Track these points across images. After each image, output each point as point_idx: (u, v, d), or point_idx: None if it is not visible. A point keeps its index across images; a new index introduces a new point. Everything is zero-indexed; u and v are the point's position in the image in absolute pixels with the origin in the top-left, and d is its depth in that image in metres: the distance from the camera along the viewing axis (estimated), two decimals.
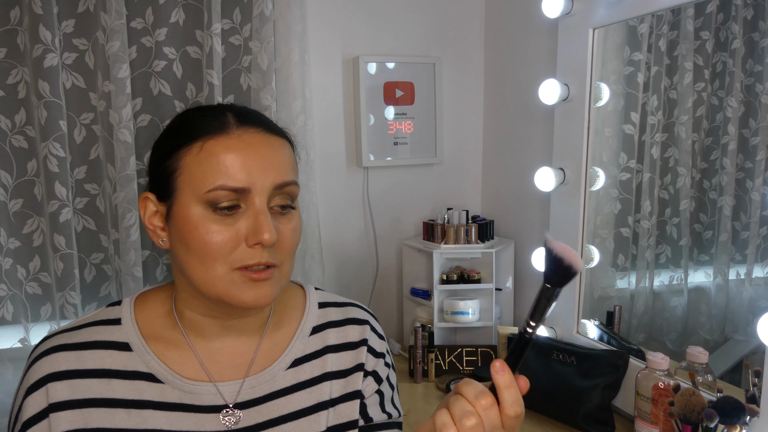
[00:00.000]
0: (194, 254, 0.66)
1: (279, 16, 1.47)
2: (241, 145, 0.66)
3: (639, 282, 1.40)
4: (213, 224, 0.65)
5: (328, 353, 0.78)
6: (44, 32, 1.26)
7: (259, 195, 0.66)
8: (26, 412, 0.67)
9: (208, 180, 0.65)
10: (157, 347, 0.72)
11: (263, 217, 0.65)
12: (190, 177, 0.66)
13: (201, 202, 0.65)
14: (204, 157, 0.65)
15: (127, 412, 0.68)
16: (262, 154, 0.66)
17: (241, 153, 0.65)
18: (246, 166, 0.65)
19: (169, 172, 0.68)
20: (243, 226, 0.65)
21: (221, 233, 0.65)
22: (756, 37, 1.13)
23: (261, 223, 0.65)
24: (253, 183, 0.65)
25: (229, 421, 0.71)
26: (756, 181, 1.15)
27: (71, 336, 0.71)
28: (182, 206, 0.66)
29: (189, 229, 0.66)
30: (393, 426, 0.81)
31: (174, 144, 0.68)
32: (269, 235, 0.64)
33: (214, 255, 0.65)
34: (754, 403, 0.96)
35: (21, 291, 1.36)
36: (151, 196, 0.71)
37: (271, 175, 0.66)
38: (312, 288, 0.84)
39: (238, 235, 0.65)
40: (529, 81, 1.62)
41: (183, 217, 0.66)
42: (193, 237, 0.65)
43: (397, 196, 1.79)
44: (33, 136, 1.33)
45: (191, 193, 0.66)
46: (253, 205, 0.66)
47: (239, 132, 0.67)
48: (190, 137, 0.67)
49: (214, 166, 0.65)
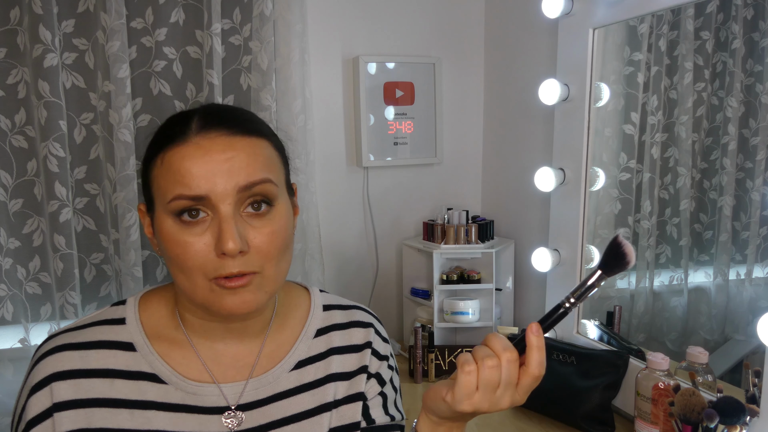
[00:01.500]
0: (174, 265, 0.66)
1: (279, 16, 1.47)
2: (199, 152, 0.64)
3: (639, 282, 1.40)
4: (183, 236, 0.64)
5: (333, 355, 0.78)
6: (44, 32, 1.26)
7: (221, 201, 0.63)
8: (30, 412, 0.67)
9: (169, 190, 0.64)
10: (161, 347, 0.72)
11: (225, 225, 0.63)
12: (158, 190, 0.66)
13: (169, 214, 0.65)
14: (165, 168, 0.65)
15: (131, 412, 0.68)
16: (221, 158, 0.64)
17: (197, 160, 0.64)
18: (203, 172, 0.63)
19: (147, 184, 0.69)
20: (210, 236, 0.64)
21: (191, 245, 0.64)
22: (756, 37, 1.13)
23: (223, 233, 0.62)
24: (212, 189, 0.63)
25: (231, 422, 0.71)
26: (756, 181, 1.15)
27: (75, 335, 0.71)
28: (158, 219, 0.67)
29: (165, 240, 0.66)
30: (395, 429, 0.80)
31: (145, 158, 0.70)
32: (233, 244, 0.62)
33: (189, 265, 0.64)
34: (754, 403, 0.96)
35: (21, 291, 1.36)
36: (143, 207, 0.72)
37: (233, 179, 0.63)
38: (317, 290, 0.84)
39: (207, 245, 0.64)
40: (529, 81, 1.62)
41: (160, 230, 0.67)
42: (169, 249, 0.66)
43: (397, 196, 1.79)
44: (33, 136, 1.33)
45: (160, 204, 0.66)
46: (217, 212, 0.64)
47: (197, 139, 0.65)
48: (154, 150, 0.68)
49: (172, 176, 0.64)
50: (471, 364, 0.62)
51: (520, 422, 1.29)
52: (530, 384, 0.64)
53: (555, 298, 1.44)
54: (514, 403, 0.64)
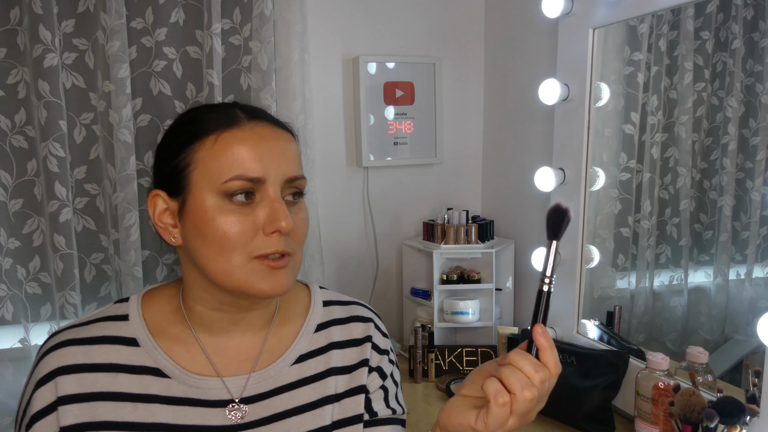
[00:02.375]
0: (212, 246, 0.67)
1: (279, 16, 1.47)
2: (255, 137, 0.68)
3: (639, 282, 1.40)
4: (230, 215, 0.66)
5: (333, 350, 0.79)
6: (44, 32, 1.26)
7: (272, 185, 0.67)
8: (35, 406, 0.68)
9: (224, 171, 0.66)
10: (164, 343, 0.73)
11: (279, 205, 0.67)
12: (206, 169, 0.67)
13: (217, 194, 0.67)
14: (219, 149, 0.67)
15: (134, 405, 0.69)
16: (274, 145, 0.69)
17: (255, 144, 0.67)
18: (260, 156, 0.67)
19: (182, 167, 0.69)
20: (260, 216, 0.67)
21: (239, 223, 0.66)
22: (756, 37, 1.13)
23: (278, 212, 0.66)
24: (268, 173, 0.67)
25: (235, 415, 0.72)
26: (756, 181, 1.15)
27: (80, 331, 0.72)
28: (198, 200, 0.68)
29: (206, 221, 0.67)
30: (397, 422, 0.81)
31: (186, 139, 0.69)
32: (286, 223, 0.66)
33: (232, 245, 0.66)
34: (754, 403, 0.96)
35: (21, 291, 1.36)
36: (161, 193, 0.71)
37: (283, 167, 0.68)
38: (317, 287, 0.86)
39: (255, 224, 0.67)
40: (529, 81, 1.62)
41: (199, 210, 0.67)
42: (211, 228, 0.67)
43: (397, 196, 1.79)
44: (33, 136, 1.33)
45: (207, 185, 0.67)
46: (267, 194, 0.67)
47: (251, 125, 0.69)
48: (203, 131, 0.69)
49: (229, 157, 0.67)
50: (504, 396, 0.58)
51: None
52: (551, 386, 0.62)
53: (555, 298, 1.44)
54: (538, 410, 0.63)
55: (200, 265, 0.69)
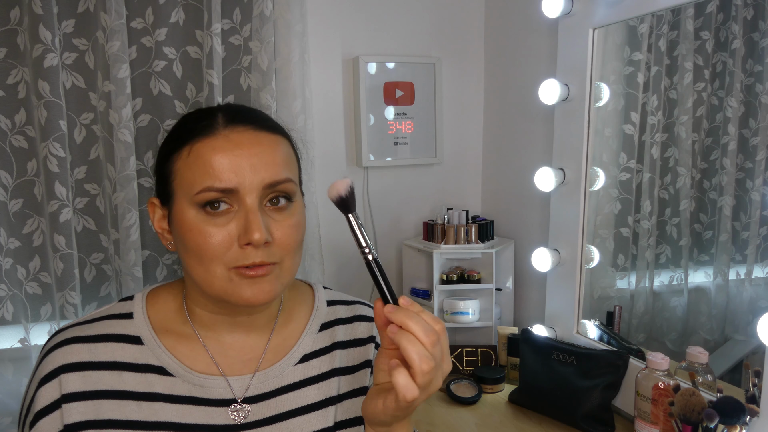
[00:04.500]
0: (192, 255, 0.67)
1: (279, 16, 1.47)
2: (228, 145, 0.67)
3: (639, 282, 1.40)
4: (206, 226, 0.66)
5: (337, 349, 0.79)
6: (44, 32, 1.26)
7: (248, 194, 0.66)
8: (39, 403, 0.68)
9: (197, 182, 0.66)
10: (168, 341, 0.73)
11: (252, 216, 0.65)
12: (182, 181, 0.68)
13: (193, 205, 0.67)
14: (192, 160, 0.67)
15: (138, 404, 0.69)
16: (250, 153, 0.67)
17: (227, 153, 0.66)
18: (233, 166, 0.66)
19: (166, 176, 0.70)
20: (234, 227, 0.66)
21: (215, 235, 0.66)
22: (756, 37, 1.13)
23: (250, 223, 0.65)
24: (241, 183, 0.66)
25: (237, 415, 0.72)
26: (756, 181, 1.15)
27: (84, 329, 0.72)
28: (179, 210, 0.68)
29: (185, 231, 0.67)
30: None
31: (167, 150, 0.70)
32: (260, 235, 0.64)
33: (209, 256, 0.66)
34: (754, 403, 0.96)
35: (21, 291, 1.36)
36: (155, 200, 0.73)
37: (261, 174, 0.66)
38: (320, 286, 0.86)
39: (230, 235, 0.66)
40: (529, 81, 1.62)
41: (180, 221, 0.68)
42: (189, 239, 0.67)
43: (397, 196, 1.79)
44: (33, 136, 1.33)
45: (184, 196, 0.67)
46: (243, 204, 0.66)
47: (226, 132, 0.68)
48: (179, 142, 0.69)
49: (201, 167, 0.66)
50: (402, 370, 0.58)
51: (520, 422, 1.29)
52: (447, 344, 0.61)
53: (555, 298, 1.45)
54: (446, 374, 0.62)
55: (187, 272, 0.70)
